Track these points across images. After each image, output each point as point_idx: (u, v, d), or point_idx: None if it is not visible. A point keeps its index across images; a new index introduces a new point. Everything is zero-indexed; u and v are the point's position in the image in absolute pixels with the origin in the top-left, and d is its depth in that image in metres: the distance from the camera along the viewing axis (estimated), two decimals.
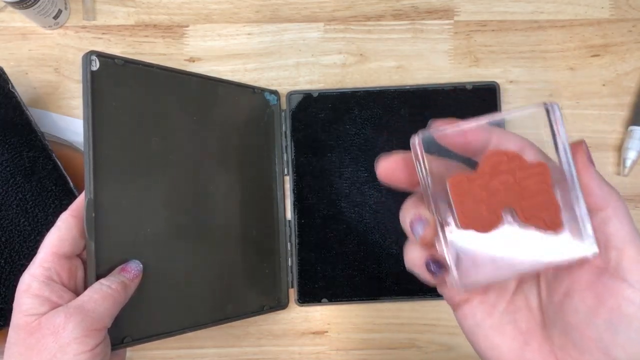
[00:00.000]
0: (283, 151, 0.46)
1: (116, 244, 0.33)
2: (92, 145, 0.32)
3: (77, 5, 0.48)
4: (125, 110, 0.34)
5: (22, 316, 0.30)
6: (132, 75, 0.35)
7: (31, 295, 0.30)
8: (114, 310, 0.31)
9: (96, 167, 0.32)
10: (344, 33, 0.48)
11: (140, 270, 0.33)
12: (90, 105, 0.32)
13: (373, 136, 0.46)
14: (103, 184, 0.32)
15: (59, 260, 0.31)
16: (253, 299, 0.43)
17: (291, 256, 0.46)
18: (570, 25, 0.47)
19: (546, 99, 0.47)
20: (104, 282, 0.31)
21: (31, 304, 0.30)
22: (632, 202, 0.46)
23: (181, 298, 0.37)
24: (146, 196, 0.35)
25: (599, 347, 0.20)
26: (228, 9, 0.48)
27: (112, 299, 0.31)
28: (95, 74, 0.32)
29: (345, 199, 0.46)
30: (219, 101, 0.42)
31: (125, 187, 0.34)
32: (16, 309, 0.30)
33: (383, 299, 0.45)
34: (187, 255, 0.38)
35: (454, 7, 0.48)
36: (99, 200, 0.32)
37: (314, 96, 0.46)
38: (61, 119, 0.46)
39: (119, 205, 0.34)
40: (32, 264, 0.31)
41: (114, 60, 0.34)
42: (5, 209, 0.39)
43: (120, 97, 0.34)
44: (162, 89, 0.37)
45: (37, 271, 0.31)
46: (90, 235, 0.32)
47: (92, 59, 0.32)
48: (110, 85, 0.33)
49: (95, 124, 0.32)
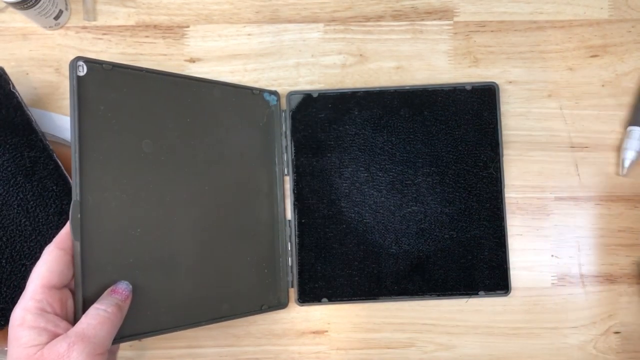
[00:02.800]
0: (283, 151, 0.46)
1: (103, 244, 0.34)
2: (78, 148, 0.33)
3: (77, 6, 0.48)
4: (115, 114, 0.35)
5: (22, 350, 0.29)
6: (121, 79, 0.36)
7: (27, 327, 0.30)
8: (113, 333, 0.31)
9: (82, 170, 0.33)
10: (344, 33, 0.48)
11: (130, 291, 0.34)
12: (77, 109, 0.33)
13: (373, 136, 0.46)
14: (91, 186, 0.33)
15: (49, 292, 0.31)
16: (252, 298, 0.43)
17: (291, 256, 0.46)
18: (569, 25, 0.48)
19: (545, 99, 0.47)
20: (99, 306, 0.31)
21: (29, 336, 0.30)
22: (631, 202, 0.46)
23: (175, 297, 0.38)
24: (137, 197, 0.36)
25: None
26: (228, 9, 0.48)
27: (110, 322, 0.31)
28: (82, 79, 0.33)
29: (345, 198, 0.46)
30: (215, 103, 0.42)
31: (115, 189, 0.35)
32: (14, 344, 0.30)
33: (383, 298, 0.45)
34: (180, 255, 0.38)
35: (454, 7, 0.48)
36: (86, 201, 0.33)
37: (314, 96, 0.46)
38: (62, 119, 0.46)
39: (108, 207, 0.34)
40: (23, 298, 0.31)
41: (101, 65, 0.35)
42: (7, 209, 0.39)
43: (109, 101, 0.35)
44: (153, 92, 0.38)
45: (28, 304, 0.31)
46: (76, 236, 0.32)
47: (79, 64, 0.33)
48: (98, 89, 0.34)
49: (82, 127, 0.33)
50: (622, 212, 0.46)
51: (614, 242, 0.46)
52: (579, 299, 0.46)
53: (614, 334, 0.46)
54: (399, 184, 0.46)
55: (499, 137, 0.46)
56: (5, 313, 0.39)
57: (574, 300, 0.46)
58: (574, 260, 0.46)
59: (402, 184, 0.45)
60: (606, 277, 0.46)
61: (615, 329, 0.46)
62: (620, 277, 0.46)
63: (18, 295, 0.39)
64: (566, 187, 0.47)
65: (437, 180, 0.45)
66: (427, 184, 0.45)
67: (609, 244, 0.46)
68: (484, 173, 0.45)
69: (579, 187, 0.47)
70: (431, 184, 0.45)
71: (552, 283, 0.46)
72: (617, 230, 0.46)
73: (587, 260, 0.46)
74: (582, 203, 0.47)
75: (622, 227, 0.46)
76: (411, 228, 0.45)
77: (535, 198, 0.47)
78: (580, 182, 0.47)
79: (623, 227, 0.46)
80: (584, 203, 0.47)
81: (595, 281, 0.46)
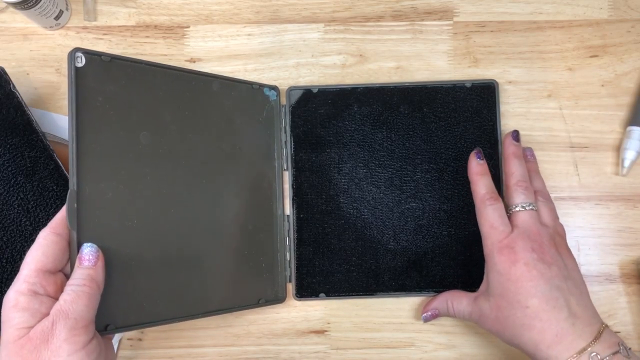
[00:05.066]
0: (282, 146, 0.47)
1: (99, 234, 0.34)
2: (75, 138, 0.33)
3: (78, 6, 0.48)
4: (113, 105, 0.35)
5: (13, 331, 0.30)
6: (120, 72, 0.36)
7: (20, 309, 0.30)
8: (93, 304, 0.32)
9: (79, 160, 0.33)
10: (344, 34, 0.48)
11: (96, 251, 0.33)
12: (75, 100, 0.33)
13: (372, 132, 0.46)
14: (87, 176, 0.34)
15: (44, 275, 0.32)
16: (249, 292, 0.43)
17: (289, 251, 0.46)
18: (569, 25, 0.48)
19: (545, 99, 0.47)
20: (71, 282, 0.32)
21: (22, 317, 0.30)
22: (631, 202, 0.46)
23: (170, 289, 0.38)
24: (134, 188, 0.36)
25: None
26: (228, 9, 0.48)
27: (85, 295, 0.31)
28: (81, 70, 0.33)
29: (344, 194, 0.46)
30: (215, 97, 0.42)
31: (111, 180, 0.35)
32: (6, 325, 0.30)
33: (380, 294, 0.45)
34: (177, 247, 0.39)
35: (453, 7, 0.48)
36: (83, 191, 0.33)
37: (314, 92, 0.47)
38: (62, 119, 0.46)
39: (104, 197, 0.34)
40: (17, 280, 0.31)
41: (100, 57, 0.35)
42: (7, 209, 0.40)
43: (107, 93, 0.35)
44: (152, 85, 0.38)
45: (22, 287, 0.31)
46: (73, 225, 0.33)
47: (78, 55, 0.34)
48: (96, 81, 0.34)
49: (79, 118, 0.33)
50: (621, 212, 0.46)
51: (614, 242, 0.46)
52: None
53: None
54: (397, 180, 0.46)
55: (498, 135, 0.46)
56: None
57: None
58: None
59: (400, 180, 0.46)
60: (606, 276, 0.46)
61: (614, 328, 0.46)
62: (620, 277, 0.46)
63: None
64: (566, 187, 0.47)
65: (436, 177, 0.45)
66: (425, 180, 0.45)
67: (609, 244, 0.46)
68: None
69: (579, 187, 0.47)
70: (430, 181, 0.45)
71: None
72: (617, 230, 0.46)
73: (586, 260, 0.46)
74: (582, 203, 0.47)
75: (621, 227, 0.46)
76: (409, 224, 0.45)
77: None
78: (580, 182, 0.47)
79: (623, 227, 0.46)
80: (583, 203, 0.47)
81: (594, 281, 0.46)
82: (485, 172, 0.41)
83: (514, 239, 0.38)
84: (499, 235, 0.38)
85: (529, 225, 0.38)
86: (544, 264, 0.36)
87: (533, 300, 0.36)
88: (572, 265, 0.38)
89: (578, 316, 0.35)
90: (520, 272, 0.36)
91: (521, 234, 0.38)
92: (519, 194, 0.40)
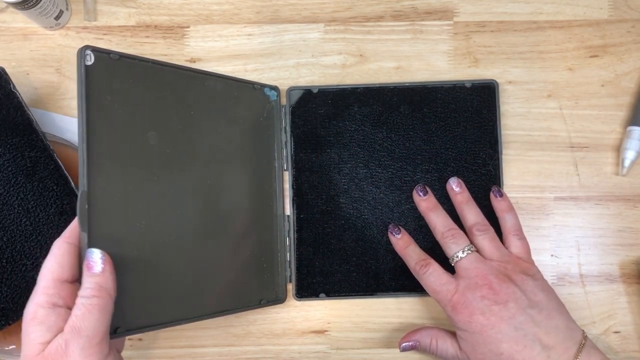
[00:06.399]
0: (282, 146, 0.47)
1: (109, 235, 0.33)
2: (85, 139, 0.32)
3: (78, 6, 0.48)
4: (121, 104, 0.35)
5: (31, 346, 0.30)
6: (128, 70, 0.35)
7: (38, 323, 0.30)
8: (105, 316, 0.31)
9: (90, 160, 0.32)
10: (344, 34, 0.48)
11: (102, 256, 0.32)
12: (85, 99, 0.32)
13: (372, 132, 0.46)
14: (97, 177, 0.33)
15: (61, 286, 0.31)
16: (250, 292, 0.43)
17: (289, 251, 0.46)
18: (569, 25, 0.48)
19: (545, 99, 0.47)
20: (81, 293, 0.31)
21: (39, 332, 0.30)
22: (631, 202, 0.46)
23: (177, 290, 0.38)
24: (142, 189, 0.36)
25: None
26: (229, 9, 0.48)
27: (96, 307, 0.30)
28: (90, 68, 0.33)
29: (344, 194, 0.46)
30: (218, 96, 0.42)
31: (120, 180, 0.34)
32: (25, 339, 0.30)
33: (380, 294, 0.45)
34: (183, 248, 0.38)
35: (453, 8, 0.48)
36: (92, 192, 0.33)
37: (314, 92, 0.47)
38: (62, 119, 0.46)
39: (113, 198, 0.34)
40: (35, 293, 0.31)
41: (109, 55, 0.34)
42: (7, 209, 0.39)
43: (115, 92, 0.34)
44: (158, 84, 0.38)
45: (40, 299, 0.30)
46: (83, 227, 0.32)
47: (87, 53, 0.33)
48: (105, 79, 0.34)
49: (89, 117, 0.33)
50: (621, 212, 0.46)
51: (614, 242, 0.46)
52: (578, 298, 0.46)
53: (614, 333, 0.46)
54: (397, 180, 0.46)
55: (498, 135, 0.46)
56: (5, 313, 0.39)
57: (573, 300, 0.46)
58: (573, 260, 0.46)
59: (401, 180, 0.46)
60: (606, 276, 0.46)
61: (614, 328, 0.46)
62: (620, 277, 0.46)
63: (18, 295, 0.39)
64: (566, 187, 0.47)
65: (436, 177, 0.45)
66: (426, 180, 0.45)
67: (609, 244, 0.46)
68: (482, 170, 0.45)
69: (579, 187, 0.47)
70: (430, 181, 0.45)
71: (551, 283, 0.46)
72: (617, 230, 0.46)
73: (586, 260, 0.46)
74: (582, 203, 0.47)
75: (621, 227, 0.46)
76: (409, 224, 0.45)
77: (534, 198, 0.47)
78: (580, 182, 0.47)
79: (622, 227, 0.46)
80: (583, 203, 0.47)
81: (594, 281, 0.46)
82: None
83: (462, 292, 0.38)
84: (445, 294, 0.39)
85: (472, 271, 0.39)
86: (499, 305, 0.37)
87: (503, 345, 0.36)
88: (532, 287, 0.38)
89: (551, 346, 0.36)
90: (480, 323, 0.37)
91: (467, 284, 0.38)
92: (449, 246, 0.41)
